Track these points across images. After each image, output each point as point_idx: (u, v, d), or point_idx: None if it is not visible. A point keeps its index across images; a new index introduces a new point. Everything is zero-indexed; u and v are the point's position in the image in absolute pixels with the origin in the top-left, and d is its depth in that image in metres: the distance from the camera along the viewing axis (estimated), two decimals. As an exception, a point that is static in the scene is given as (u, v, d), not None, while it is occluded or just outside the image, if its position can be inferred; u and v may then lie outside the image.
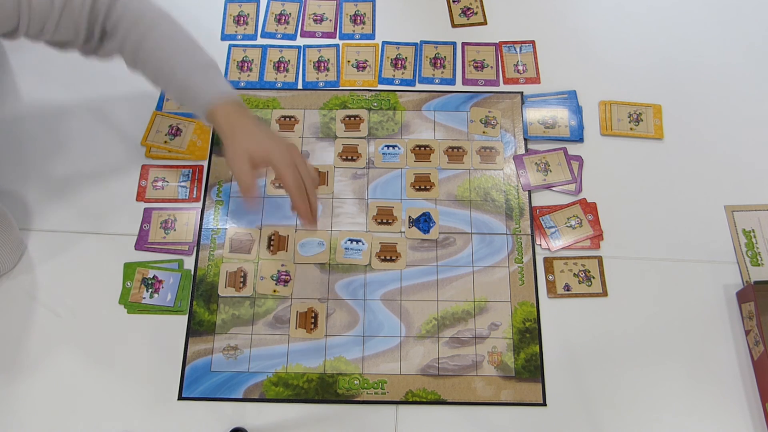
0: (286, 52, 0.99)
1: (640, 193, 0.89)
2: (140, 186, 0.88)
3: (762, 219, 0.87)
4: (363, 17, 1.02)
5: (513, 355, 0.79)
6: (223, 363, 0.79)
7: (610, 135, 0.93)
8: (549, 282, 0.83)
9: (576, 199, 0.88)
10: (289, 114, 0.94)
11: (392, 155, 0.91)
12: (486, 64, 0.98)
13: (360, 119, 0.93)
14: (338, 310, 0.82)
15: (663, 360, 0.79)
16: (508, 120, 0.93)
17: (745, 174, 0.90)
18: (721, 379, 0.78)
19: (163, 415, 0.76)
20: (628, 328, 0.81)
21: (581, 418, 0.76)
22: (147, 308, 0.81)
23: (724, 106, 0.95)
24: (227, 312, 0.81)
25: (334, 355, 0.79)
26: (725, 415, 0.76)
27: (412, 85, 0.96)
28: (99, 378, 0.77)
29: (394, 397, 0.77)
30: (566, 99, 0.95)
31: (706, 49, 1.00)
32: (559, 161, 0.90)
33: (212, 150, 0.91)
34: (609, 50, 0.99)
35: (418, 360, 0.79)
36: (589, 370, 0.79)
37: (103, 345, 0.79)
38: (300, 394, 0.77)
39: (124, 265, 0.83)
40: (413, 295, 0.82)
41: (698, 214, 0.87)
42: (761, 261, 0.84)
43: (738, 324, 0.81)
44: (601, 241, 0.85)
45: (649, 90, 0.96)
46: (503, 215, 0.87)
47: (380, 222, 0.87)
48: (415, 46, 1.00)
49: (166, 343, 0.79)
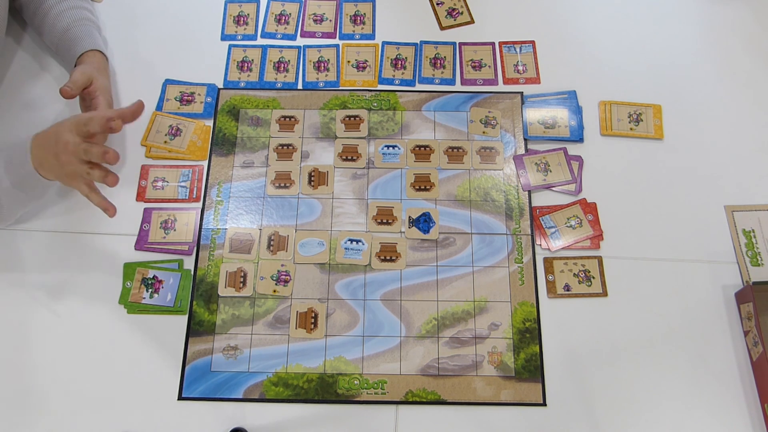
0: (286, 53, 0.99)
1: (640, 193, 0.89)
2: (140, 186, 0.88)
3: (762, 219, 0.87)
4: (363, 17, 1.02)
5: (513, 355, 0.79)
6: (223, 363, 0.79)
7: (610, 135, 0.93)
8: (549, 282, 0.83)
9: (576, 199, 0.88)
10: (289, 114, 0.94)
11: (392, 155, 0.91)
12: (484, 64, 0.98)
13: (360, 119, 0.93)
14: (338, 310, 0.82)
15: (662, 360, 0.79)
16: (508, 120, 0.93)
17: (745, 174, 0.90)
18: (720, 380, 0.78)
19: (163, 415, 0.76)
20: (627, 328, 0.81)
21: (581, 418, 0.76)
22: (147, 308, 0.81)
23: (724, 106, 0.95)
24: (227, 312, 0.81)
25: (334, 355, 0.79)
26: (724, 416, 0.76)
27: (412, 86, 0.96)
28: (99, 378, 0.77)
29: (394, 397, 0.77)
30: (566, 99, 0.95)
31: (706, 48, 1.00)
32: (559, 161, 0.90)
33: (212, 150, 0.91)
34: (609, 50, 0.99)
35: (418, 360, 0.79)
36: (589, 370, 0.79)
37: (103, 345, 0.79)
38: (300, 394, 0.77)
39: (124, 265, 0.83)
40: (413, 295, 0.82)
41: (698, 214, 0.87)
42: (761, 261, 0.84)
43: (737, 324, 0.81)
44: (601, 241, 0.85)
45: (649, 90, 0.96)
46: (503, 215, 0.87)
47: (380, 222, 0.87)
48: (415, 46, 1.00)
49: (166, 343, 0.79)
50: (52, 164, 0.74)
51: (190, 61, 0.98)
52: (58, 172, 0.75)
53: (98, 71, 0.87)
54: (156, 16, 1.02)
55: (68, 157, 0.73)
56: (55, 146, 0.74)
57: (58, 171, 0.75)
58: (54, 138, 0.74)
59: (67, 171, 0.74)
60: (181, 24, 1.01)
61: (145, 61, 0.97)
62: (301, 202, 0.88)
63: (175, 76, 0.96)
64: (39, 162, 0.75)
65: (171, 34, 1.00)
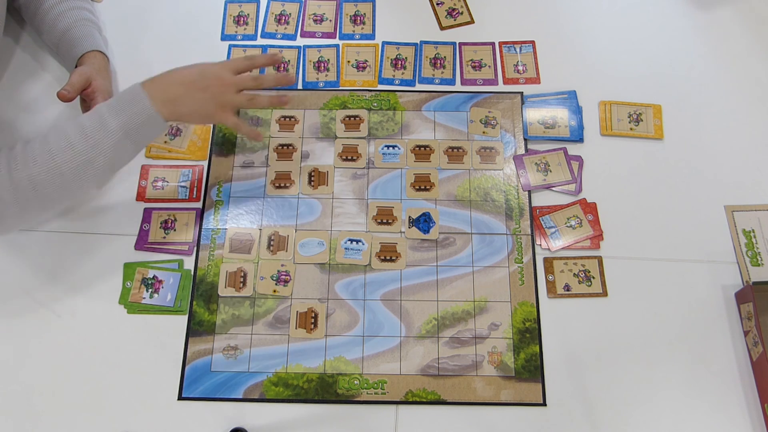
0: (286, 53, 0.99)
1: (640, 193, 0.89)
2: (140, 186, 0.88)
3: (762, 219, 0.87)
4: (363, 17, 1.02)
5: (513, 355, 0.79)
6: (223, 363, 0.79)
7: (610, 135, 0.93)
8: (549, 282, 0.83)
9: (576, 199, 0.88)
10: (289, 114, 0.94)
11: (392, 155, 0.91)
12: (484, 64, 0.98)
13: (360, 119, 0.93)
14: (338, 310, 0.82)
15: (662, 360, 0.79)
16: (508, 120, 0.93)
17: (745, 174, 0.90)
18: (720, 380, 0.78)
19: (163, 415, 0.76)
20: (627, 328, 0.81)
21: (581, 418, 0.76)
22: (147, 308, 0.81)
23: (724, 106, 0.95)
24: (227, 312, 0.81)
25: (334, 355, 0.79)
26: (724, 416, 0.76)
27: (412, 86, 0.96)
28: (99, 378, 0.77)
29: (394, 397, 0.77)
30: (566, 99, 0.95)
31: (706, 48, 1.00)
32: (559, 161, 0.90)
33: (212, 150, 0.91)
34: (609, 50, 0.99)
35: (418, 360, 0.79)
36: (589, 370, 0.79)
37: (103, 345, 0.79)
38: (300, 394, 0.77)
39: (124, 265, 0.83)
40: (413, 295, 0.82)
41: (698, 214, 0.87)
42: (761, 261, 0.84)
43: (737, 324, 0.81)
44: (601, 241, 0.85)
45: (649, 90, 0.96)
46: (503, 215, 0.87)
47: (380, 222, 0.87)
48: (415, 46, 1.00)
49: (166, 343, 0.79)
50: (197, 98, 0.74)
51: (190, 61, 0.97)
52: (206, 104, 0.75)
53: (98, 72, 0.86)
54: (156, 16, 1.02)
55: (223, 88, 0.75)
56: (201, 80, 0.75)
57: (204, 104, 0.75)
58: (198, 74, 0.75)
59: (221, 101, 0.75)
60: (181, 24, 1.01)
61: (145, 61, 0.97)
62: (301, 202, 0.88)
63: (175, 76, 0.96)
64: (168, 99, 0.73)
65: (171, 34, 1.00)
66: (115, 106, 0.71)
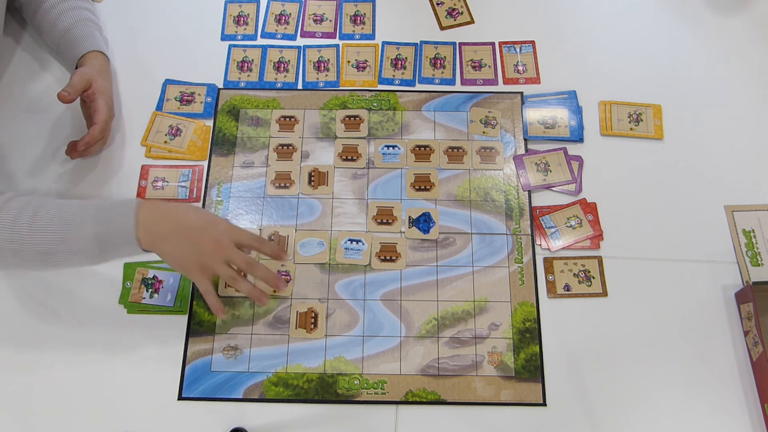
0: (286, 53, 0.99)
1: (640, 193, 0.89)
2: (140, 186, 0.88)
3: (762, 219, 0.87)
4: (363, 17, 1.02)
5: (513, 355, 0.79)
6: (223, 363, 0.79)
7: (610, 135, 0.93)
8: (549, 282, 0.83)
9: (576, 199, 0.88)
10: (289, 114, 0.94)
11: (392, 155, 0.91)
12: (484, 64, 0.98)
13: (360, 119, 0.93)
14: (338, 310, 0.82)
15: (662, 360, 0.79)
16: (508, 120, 0.93)
17: (745, 174, 0.90)
18: (720, 380, 0.78)
19: (163, 415, 0.76)
20: (627, 328, 0.81)
21: (581, 418, 0.76)
22: (147, 308, 0.81)
23: (724, 106, 0.95)
24: (227, 312, 0.81)
25: (334, 355, 0.79)
26: (724, 416, 0.76)
27: (412, 86, 0.96)
28: (99, 378, 0.77)
29: (394, 397, 0.77)
30: (566, 99, 0.95)
31: (706, 48, 1.00)
32: (559, 161, 0.90)
33: (212, 150, 0.91)
34: (609, 50, 0.99)
35: (418, 360, 0.79)
36: (589, 370, 0.79)
37: (103, 345, 0.79)
38: (300, 394, 0.77)
39: (124, 265, 0.83)
40: (413, 295, 0.82)
41: (698, 214, 0.87)
42: (761, 261, 0.84)
43: (737, 324, 0.81)
44: (601, 241, 0.85)
45: (649, 90, 0.96)
46: (503, 215, 0.87)
47: (380, 222, 0.87)
48: (415, 46, 1.00)
49: (166, 343, 0.79)
50: (182, 247, 0.70)
51: (190, 61, 0.98)
52: (187, 258, 0.71)
53: (98, 73, 0.86)
54: (156, 16, 1.02)
55: (215, 254, 0.71)
56: (198, 233, 0.71)
57: (186, 256, 0.71)
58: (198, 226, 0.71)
59: (204, 262, 0.71)
60: (181, 24, 1.01)
61: (145, 61, 0.97)
62: (301, 202, 0.88)
63: (175, 76, 0.96)
64: (153, 231, 0.69)
65: (171, 34, 1.00)
66: (101, 215, 0.69)
